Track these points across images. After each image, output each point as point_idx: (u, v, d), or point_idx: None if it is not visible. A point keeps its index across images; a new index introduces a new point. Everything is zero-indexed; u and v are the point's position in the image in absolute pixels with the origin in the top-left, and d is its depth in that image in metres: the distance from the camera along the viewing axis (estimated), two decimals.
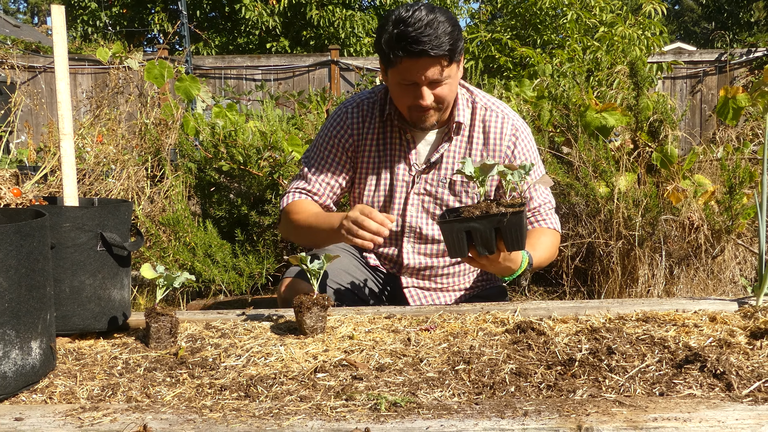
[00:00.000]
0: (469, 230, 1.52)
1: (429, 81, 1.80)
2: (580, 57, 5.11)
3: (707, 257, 2.69)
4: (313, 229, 1.93)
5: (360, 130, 2.02)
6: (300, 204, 2.02)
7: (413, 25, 1.72)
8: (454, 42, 1.76)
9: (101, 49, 4.38)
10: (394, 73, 1.83)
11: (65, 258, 1.46)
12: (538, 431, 1.02)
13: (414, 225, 2.02)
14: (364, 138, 2.02)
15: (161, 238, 3.30)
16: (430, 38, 1.71)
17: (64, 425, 1.07)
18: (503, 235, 1.51)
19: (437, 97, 1.84)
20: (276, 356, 1.39)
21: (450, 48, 1.75)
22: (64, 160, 1.57)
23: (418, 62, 1.75)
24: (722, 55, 10.10)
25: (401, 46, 1.74)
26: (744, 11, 21.46)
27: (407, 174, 2.01)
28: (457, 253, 1.56)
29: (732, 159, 2.77)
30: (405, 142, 2.00)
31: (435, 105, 1.86)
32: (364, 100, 2.05)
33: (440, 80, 1.80)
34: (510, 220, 1.48)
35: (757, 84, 2.62)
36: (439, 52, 1.73)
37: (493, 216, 1.49)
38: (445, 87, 1.83)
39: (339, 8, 13.11)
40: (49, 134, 5.01)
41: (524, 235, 1.53)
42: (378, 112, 2.02)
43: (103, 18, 14.26)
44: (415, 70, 1.77)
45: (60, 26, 1.56)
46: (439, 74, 1.79)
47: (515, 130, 1.98)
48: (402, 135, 2.00)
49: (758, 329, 1.43)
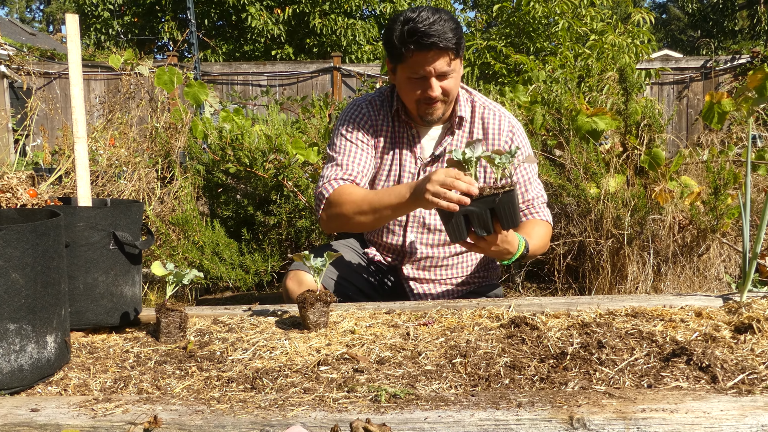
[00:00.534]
0: (467, 213, 1.56)
1: (437, 73, 1.85)
2: (571, 64, 5.10)
3: (693, 255, 2.69)
4: (375, 206, 1.84)
5: (375, 123, 2.05)
6: (347, 188, 1.93)
7: (422, 22, 1.80)
8: (458, 38, 1.84)
9: (113, 56, 4.37)
10: (403, 68, 1.88)
11: (79, 256, 1.46)
12: (531, 422, 1.02)
13: (418, 215, 2.04)
14: (379, 131, 2.05)
15: (171, 237, 3.30)
16: (438, 32, 1.79)
17: (78, 416, 1.07)
18: (498, 215, 1.55)
19: (444, 90, 1.89)
20: (281, 350, 1.39)
21: (456, 42, 1.83)
22: (78, 163, 1.57)
23: (428, 54, 1.82)
24: (707, 62, 10.10)
25: (413, 40, 1.80)
26: (728, 20, 21.45)
27: (413, 166, 2.04)
28: (457, 237, 1.59)
29: (717, 161, 2.77)
30: (411, 137, 2.04)
31: (442, 97, 1.90)
32: (374, 98, 2.09)
33: (447, 72, 1.86)
34: (502, 199, 1.53)
35: (741, 89, 2.61)
36: (447, 44, 1.80)
37: (487, 197, 1.53)
38: (450, 80, 1.89)
39: (341, 17, 13.12)
40: (64, 137, 5.01)
41: (518, 214, 1.57)
42: (387, 108, 2.05)
43: (115, 26, 14.26)
44: (425, 62, 1.83)
45: (74, 34, 1.56)
46: (447, 66, 1.85)
47: (512, 127, 2.03)
48: (408, 130, 2.04)
49: (742, 324, 1.43)
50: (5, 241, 1.15)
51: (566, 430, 1.01)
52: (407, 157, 2.04)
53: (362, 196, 1.88)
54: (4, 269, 1.15)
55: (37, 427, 1.06)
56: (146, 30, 14.69)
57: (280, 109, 6.01)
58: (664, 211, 2.67)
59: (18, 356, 1.18)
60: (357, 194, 1.90)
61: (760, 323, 1.41)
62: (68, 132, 4.84)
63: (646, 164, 2.80)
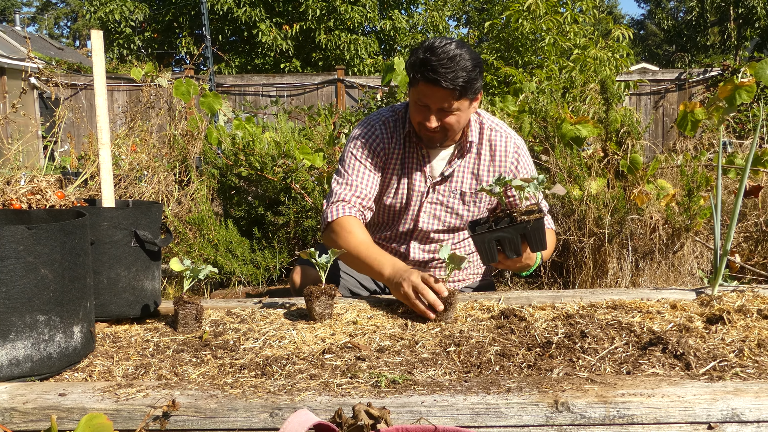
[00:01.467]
0: (499, 239, 1.55)
1: (438, 108, 1.77)
2: (556, 76, 5.10)
3: (669, 252, 2.69)
4: (359, 259, 1.78)
5: (388, 143, 1.96)
6: (349, 224, 1.84)
7: (439, 55, 1.69)
8: (469, 80, 1.72)
9: (135, 69, 4.38)
10: (413, 91, 1.81)
11: (103, 253, 1.46)
12: (519, 405, 1.02)
13: (425, 229, 2.01)
14: (392, 151, 1.97)
15: (188, 235, 3.30)
16: (447, 71, 1.68)
17: (102, 400, 1.07)
18: (528, 240, 1.54)
19: (443, 124, 1.80)
20: (289, 339, 1.39)
21: (463, 84, 1.71)
22: (102, 167, 1.57)
23: (432, 89, 1.73)
24: (682, 74, 10.10)
25: (420, 71, 1.72)
26: (701, 36, 21.46)
27: (423, 185, 1.97)
28: (488, 259, 1.57)
29: (690, 166, 2.77)
30: (421, 157, 1.96)
31: (440, 131, 1.82)
32: (389, 117, 1.99)
33: (448, 111, 1.77)
34: (533, 226, 1.52)
35: (712, 100, 2.61)
36: (450, 85, 1.70)
37: (520, 224, 1.52)
38: (452, 117, 1.79)
39: (344, 33, 13.11)
40: (89, 144, 5.01)
41: (545, 238, 1.56)
42: (400, 128, 1.97)
43: (137, 42, 14.25)
44: (427, 94, 1.75)
45: (98, 49, 1.56)
46: (448, 105, 1.75)
47: (517, 148, 1.98)
48: (419, 150, 1.96)
49: (713, 315, 1.43)
50: (35, 239, 1.15)
51: (551, 413, 1.01)
52: (417, 176, 1.97)
53: (356, 244, 1.78)
54: (35, 265, 1.15)
55: (65, 410, 1.06)
56: (165, 45, 14.68)
57: (288, 117, 6.00)
58: (641, 212, 2.67)
59: (47, 345, 1.19)
60: (353, 239, 1.80)
61: (730, 315, 1.41)
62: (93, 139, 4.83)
63: (625, 168, 2.80)
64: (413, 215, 2.01)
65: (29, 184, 1.86)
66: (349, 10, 12.84)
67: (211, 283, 3.33)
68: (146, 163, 3.74)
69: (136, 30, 14.35)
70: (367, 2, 13.27)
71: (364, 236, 1.82)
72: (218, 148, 3.83)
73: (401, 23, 13.79)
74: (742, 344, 1.27)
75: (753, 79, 2.44)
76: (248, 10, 12.92)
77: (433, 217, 2.01)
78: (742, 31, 18.41)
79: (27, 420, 1.06)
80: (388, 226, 2.07)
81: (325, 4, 12.89)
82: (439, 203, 2.00)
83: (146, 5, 14.17)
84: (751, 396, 1.03)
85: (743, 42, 18.47)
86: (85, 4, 14.42)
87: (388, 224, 2.07)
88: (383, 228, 2.09)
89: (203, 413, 1.03)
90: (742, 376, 1.13)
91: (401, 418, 1.01)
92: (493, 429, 1.01)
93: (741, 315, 1.43)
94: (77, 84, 10.01)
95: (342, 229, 1.83)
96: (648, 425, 1.01)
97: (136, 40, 14.20)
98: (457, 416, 1.01)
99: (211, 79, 8.80)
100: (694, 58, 20.78)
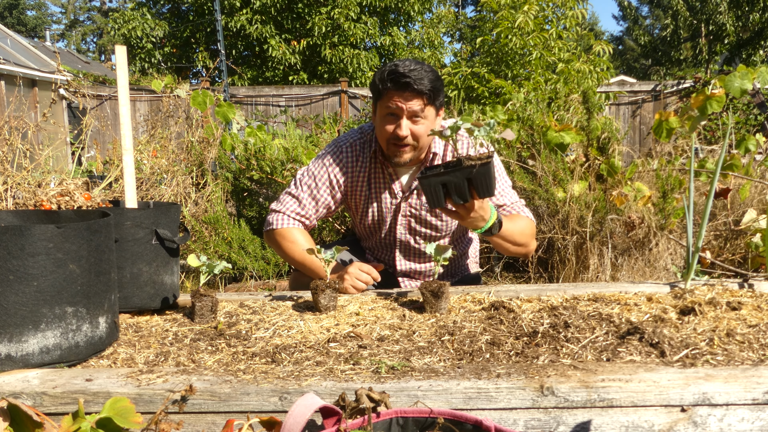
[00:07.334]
0: (445, 183, 1.46)
1: (409, 112, 1.73)
2: (543, 87, 5.10)
3: (645, 249, 2.69)
4: (305, 266, 1.86)
5: (353, 167, 1.91)
6: (293, 233, 1.87)
7: (404, 64, 1.73)
8: (434, 87, 1.72)
9: (155, 81, 4.37)
10: (380, 105, 1.77)
11: (126, 250, 1.46)
12: (508, 390, 1.02)
13: (403, 240, 1.99)
14: (357, 174, 1.92)
15: (204, 233, 3.30)
16: (414, 75, 1.69)
17: (125, 385, 1.07)
18: (475, 184, 1.45)
19: (413, 133, 1.75)
20: (297, 329, 1.39)
21: (431, 89, 1.71)
22: (125, 171, 1.57)
23: (403, 94, 1.71)
24: (657, 86, 10.10)
25: (390, 78, 1.71)
26: (675, 51, 21.46)
27: (392, 202, 1.94)
28: (435, 203, 1.50)
29: (665, 170, 2.77)
30: (388, 175, 1.91)
31: (411, 141, 1.77)
32: (356, 140, 1.93)
33: (418, 115, 1.74)
34: (479, 170, 1.42)
35: (685, 109, 2.61)
36: (420, 87, 1.69)
37: (465, 168, 1.42)
38: (421, 126, 1.75)
39: (348, 48, 13.10)
40: (113, 150, 5.01)
41: (493, 183, 1.45)
42: (367, 150, 1.92)
43: (157, 56, 14.25)
44: (398, 99, 1.72)
45: (122, 63, 1.56)
46: (419, 109, 1.72)
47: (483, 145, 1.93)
48: (385, 169, 1.91)
49: (686, 307, 1.43)
50: (64, 237, 1.15)
51: (538, 396, 1.01)
52: (385, 194, 1.93)
53: (301, 252, 1.83)
54: (64, 261, 1.15)
55: (91, 395, 1.06)
56: (183, 59, 14.68)
57: (296, 125, 6.01)
58: (620, 212, 2.67)
59: (75, 334, 1.18)
60: (299, 247, 1.84)
61: (701, 306, 1.41)
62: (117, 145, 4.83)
63: (605, 172, 2.80)
64: (391, 230, 1.99)
65: (58, 186, 1.86)
66: (352, 27, 12.83)
67: (225, 277, 3.33)
68: (166, 167, 3.74)
69: (157, 45, 14.33)
70: (369, 20, 13.27)
71: (307, 244, 1.85)
72: (232, 153, 3.83)
73: (400, 39, 13.79)
74: (713, 334, 1.27)
75: (722, 91, 2.44)
76: (259, 27, 12.92)
77: (408, 230, 1.98)
78: (712, 47, 18.40)
79: (56, 403, 1.06)
80: (371, 238, 2.06)
81: (330, 22, 12.88)
82: (412, 217, 1.96)
83: (166, 23, 14.16)
84: (720, 381, 1.03)
85: (714, 56, 18.46)
86: (110, 22, 14.41)
87: (371, 237, 2.06)
88: (368, 239, 2.08)
89: (218, 397, 1.03)
90: (713, 363, 1.13)
91: (400, 402, 1.01)
92: (484, 411, 1.01)
93: (711, 307, 1.43)
94: (102, 95, 10.00)
95: (284, 239, 1.87)
96: (626, 408, 1.01)
97: (157, 55, 14.19)
98: (451, 400, 1.01)
99: (226, 90, 8.80)
100: (668, 71, 20.77)
